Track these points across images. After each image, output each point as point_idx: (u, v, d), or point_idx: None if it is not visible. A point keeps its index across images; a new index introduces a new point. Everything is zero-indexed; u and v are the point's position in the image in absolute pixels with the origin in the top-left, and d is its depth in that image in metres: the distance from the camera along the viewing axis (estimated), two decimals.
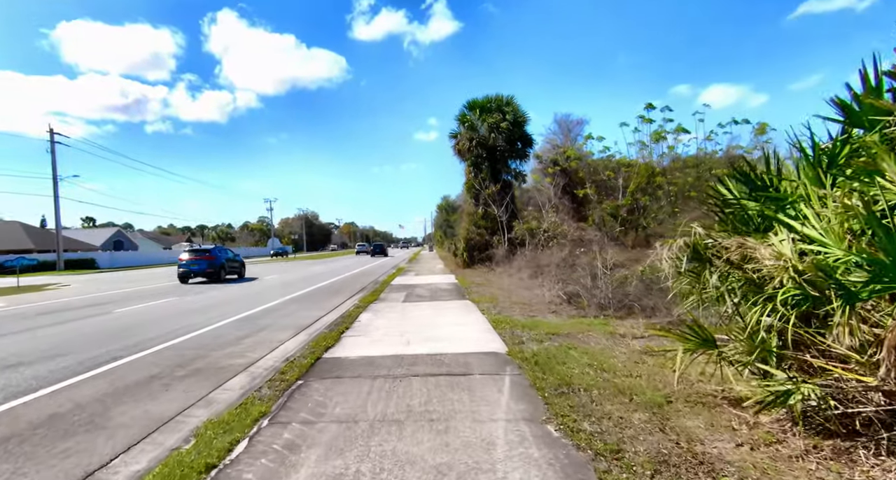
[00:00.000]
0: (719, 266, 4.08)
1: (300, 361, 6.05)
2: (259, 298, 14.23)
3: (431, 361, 5.83)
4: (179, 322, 10.08)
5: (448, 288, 15.21)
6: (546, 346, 6.39)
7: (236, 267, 23.93)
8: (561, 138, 29.80)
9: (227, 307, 12.35)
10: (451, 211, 60.65)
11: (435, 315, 9.65)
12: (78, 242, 59.99)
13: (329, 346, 6.89)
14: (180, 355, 6.97)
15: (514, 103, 24.71)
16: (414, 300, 12.23)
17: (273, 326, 9.38)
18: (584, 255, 15.31)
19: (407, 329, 8.12)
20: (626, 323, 7.96)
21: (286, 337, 8.19)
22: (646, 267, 10.44)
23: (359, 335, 7.76)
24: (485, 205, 24.67)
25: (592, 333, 7.29)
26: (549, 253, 17.74)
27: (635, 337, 6.91)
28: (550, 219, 20.85)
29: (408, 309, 10.53)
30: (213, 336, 8.47)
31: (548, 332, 7.41)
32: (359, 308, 11.01)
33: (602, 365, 5.30)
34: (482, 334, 7.47)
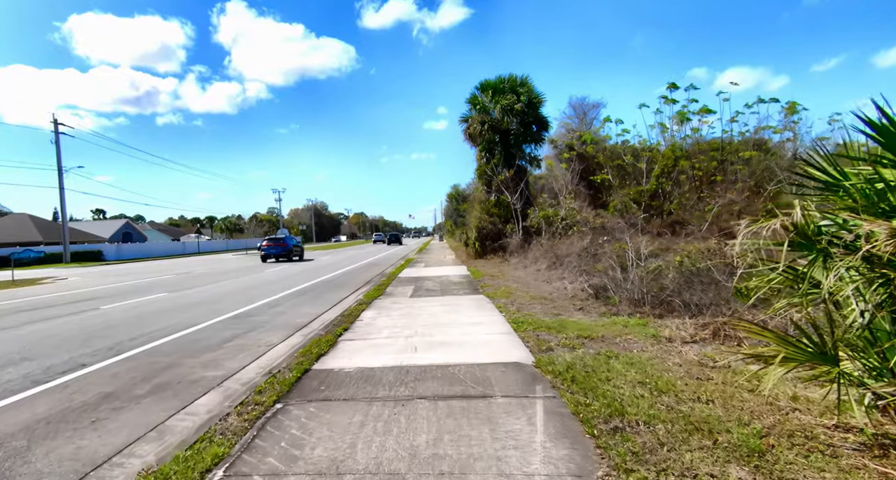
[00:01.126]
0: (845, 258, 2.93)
1: (284, 375, 5.03)
2: (256, 293, 13.29)
3: (442, 374, 4.77)
4: (165, 320, 9.15)
5: (459, 281, 14.14)
6: (581, 355, 5.30)
7: (298, 251, 31.35)
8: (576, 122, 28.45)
9: (217, 304, 11.41)
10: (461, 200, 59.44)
11: (445, 312, 8.59)
12: (86, 234, 59.89)
13: (322, 353, 5.87)
14: (152, 363, 6.00)
15: (528, 83, 23.37)
16: (422, 295, 11.18)
17: (267, 325, 8.40)
18: (608, 244, 14.13)
19: (414, 330, 7.07)
20: (668, 324, 6.83)
21: (277, 340, 7.19)
22: (683, 257, 9.28)
23: (358, 338, 6.72)
24: (497, 191, 23.47)
25: (632, 336, 6.17)
26: (568, 242, 16.57)
27: (686, 342, 5.79)
28: (569, 205, 19.63)
29: (415, 306, 9.48)
30: (196, 337, 7.49)
31: (579, 335, 6.31)
32: (361, 304, 9.99)
33: (657, 383, 4.20)
34: (501, 337, 6.39)
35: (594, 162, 22.83)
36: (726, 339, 5.77)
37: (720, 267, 8.63)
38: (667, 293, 8.41)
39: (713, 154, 21.38)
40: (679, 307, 7.87)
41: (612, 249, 13.62)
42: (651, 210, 20.08)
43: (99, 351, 6.74)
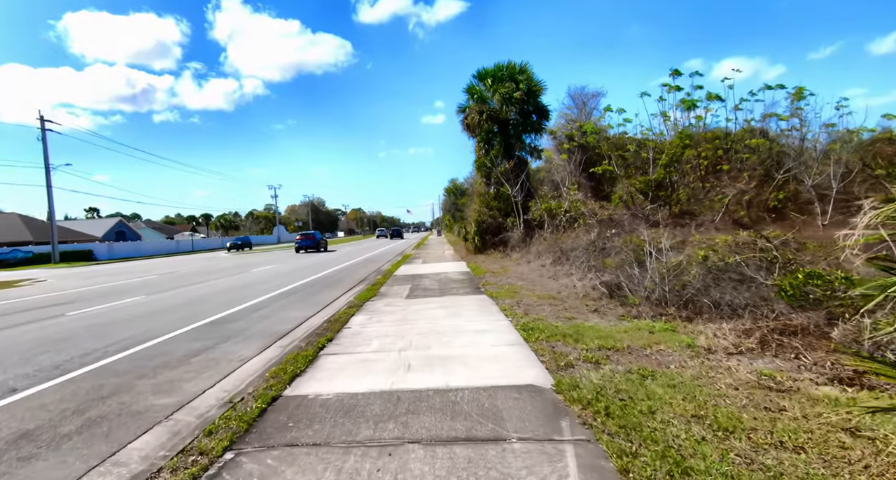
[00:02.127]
0: None
1: (247, 405, 4.09)
2: (241, 294, 12.33)
3: (441, 404, 3.84)
4: (132, 328, 8.19)
5: (459, 278, 13.21)
6: (609, 374, 4.36)
7: (324, 243, 38.41)
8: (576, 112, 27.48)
9: (196, 307, 10.46)
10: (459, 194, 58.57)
11: (445, 316, 7.65)
12: (78, 233, 58.84)
13: (298, 372, 4.93)
14: (96, 387, 5.05)
15: (528, 71, 22.32)
16: (419, 295, 10.24)
17: (244, 333, 7.46)
18: (618, 237, 13.20)
19: (408, 340, 6.13)
20: (702, 329, 5.90)
21: (251, 353, 6.25)
22: (709, 251, 8.34)
23: (343, 351, 5.78)
24: (497, 184, 22.50)
25: (663, 347, 5.25)
26: (574, 235, 15.64)
27: (731, 354, 4.86)
28: (572, 196, 18.68)
29: (411, 309, 8.54)
30: (159, 351, 6.55)
31: (601, 345, 5.38)
32: (352, 307, 9.05)
33: (717, 417, 3.27)
34: (510, 350, 5.45)
35: (595, 153, 21.90)
36: (780, 350, 4.84)
37: (752, 261, 7.71)
38: (691, 292, 7.48)
39: (717, 143, 20.49)
40: (708, 308, 6.94)
41: (622, 243, 12.70)
42: (658, 200, 19.18)
43: (41, 370, 5.79)
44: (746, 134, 20.81)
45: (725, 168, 18.96)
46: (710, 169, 19.82)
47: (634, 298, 7.81)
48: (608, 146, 20.20)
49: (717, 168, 19.50)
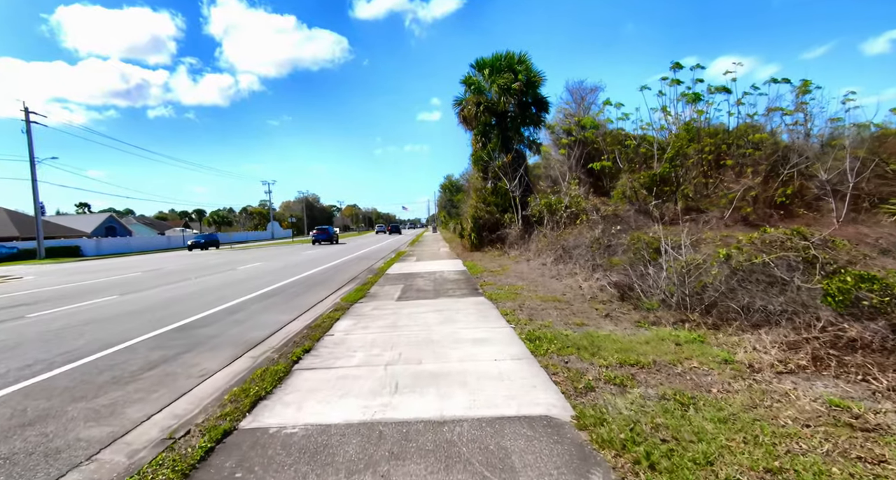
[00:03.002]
0: None
1: (189, 444, 3.26)
2: (221, 294, 11.47)
3: (434, 444, 3.02)
4: (90, 334, 7.33)
5: (456, 278, 12.39)
6: (639, 400, 3.56)
7: (335, 237, 45.25)
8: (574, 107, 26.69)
9: (168, 309, 9.60)
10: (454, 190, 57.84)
11: (440, 322, 6.83)
12: (67, 229, 57.62)
13: (263, 395, 4.10)
14: (18, 412, 4.20)
15: (527, 61, 21.46)
16: (412, 297, 9.41)
17: (213, 341, 6.61)
18: (624, 234, 12.41)
19: (397, 352, 5.30)
20: (737, 340, 5.11)
21: (216, 366, 5.41)
22: (732, 249, 7.55)
23: (321, 365, 4.95)
24: (494, 178, 21.68)
25: (696, 363, 4.45)
26: (576, 232, 14.84)
27: (780, 373, 4.07)
28: (573, 191, 17.88)
29: (403, 313, 7.72)
30: (112, 362, 5.69)
31: (622, 360, 4.58)
32: (337, 310, 8.21)
33: (799, 473, 2.47)
34: (516, 365, 4.64)
35: (594, 148, 21.13)
36: (840, 370, 4.05)
37: (782, 261, 6.92)
38: (714, 295, 6.69)
39: (720, 137, 19.79)
40: (736, 314, 6.15)
41: (629, 240, 11.92)
42: (663, 196, 18.44)
43: None
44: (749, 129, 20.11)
45: (729, 163, 18.23)
46: (713, 164, 19.13)
47: (651, 302, 7.01)
48: (612, 139, 19.41)
49: (721, 163, 18.80)
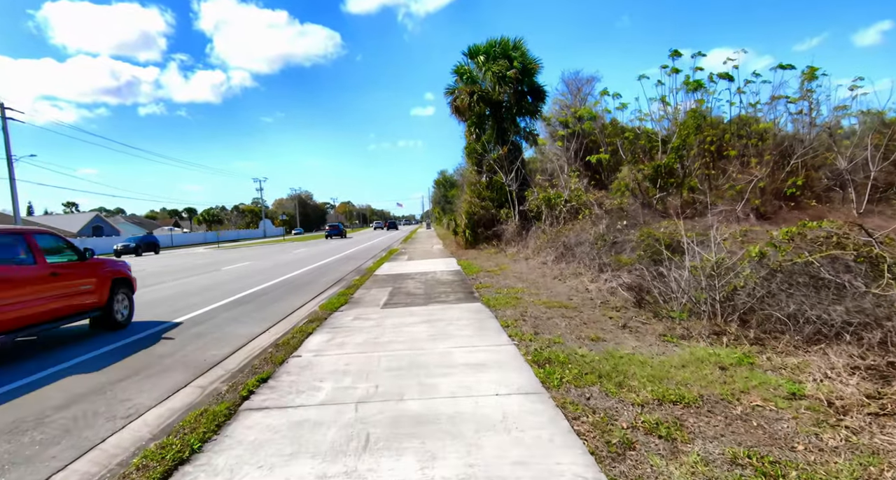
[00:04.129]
0: None
1: None
2: (190, 301, 10.38)
3: None
4: (15, 357, 6.25)
5: (449, 279, 11.35)
6: (701, 466, 2.54)
7: (344, 231, 52.51)
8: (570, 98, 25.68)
9: None
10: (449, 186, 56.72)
11: (429, 337, 5.79)
12: (52, 229, 55.96)
13: (187, 456, 3.05)
14: None
15: (522, 47, 20.36)
16: (400, 303, 8.37)
17: (160, 363, 5.55)
18: (633, 230, 11.42)
19: (374, 382, 4.26)
20: (795, 362, 4.11)
21: (149, 402, 4.36)
22: (768, 247, 6.54)
23: (275, 403, 3.90)
24: (490, 171, 20.64)
25: (755, 396, 3.44)
26: (578, 227, 13.83)
27: (878, 415, 3.07)
28: (573, 184, 16.86)
29: (387, 324, 6.67)
30: (15, 403, 4.63)
31: (658, 393, 3.56)
32: (313, 321, 7.15)
33: None
34: (526, 406, 3.60)
35: (591, 140, 20.15)
36: None
37: (830, 260, 5.92)
38: (749, 301, 5.69)
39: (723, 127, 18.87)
40: (782, 325, 5.15)
41: (638, 236, 10.92)
42: (668, 188, 17.48)
43: None
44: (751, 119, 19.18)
45: (733, 153, 17.30)
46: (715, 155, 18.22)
47: (678, 312, 5.99)
48: (613, 129, 18.41)
49: (724, 154, 17.90)
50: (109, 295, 7.74)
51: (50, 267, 6.65)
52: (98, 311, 7.53)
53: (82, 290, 7.18)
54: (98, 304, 7.51)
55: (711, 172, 17.95)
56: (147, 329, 7.67)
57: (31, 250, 6.51)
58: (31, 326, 6.11)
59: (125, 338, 7.08)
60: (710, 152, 18.07)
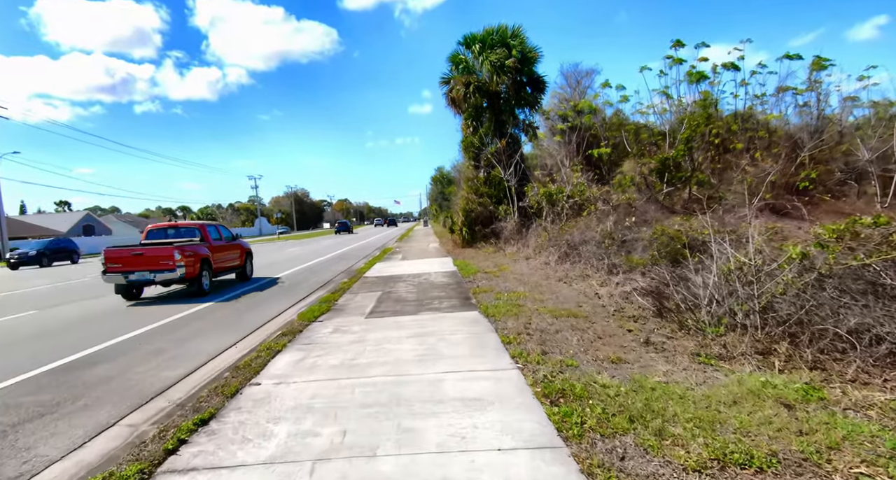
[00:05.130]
0: None
1: None
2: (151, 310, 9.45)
3: None
4: None
5: (444, 282, 10.42)
6: None
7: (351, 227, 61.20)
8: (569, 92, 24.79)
9: (77, 331, 7.58)
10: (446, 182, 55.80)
11: (417, 358, 4.87)
12: (40, 228, 54.97)
13: None
14: None
15: (521, 35, 19.38)
16: (387, 311, 7.45)
17: (95, 391, 4.62)
18: (647, 227, 10.51)
19: (342, 425, 3.34)
20: (882, 399, 3.21)
21: (56, 453, 3.42)
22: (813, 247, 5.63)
23: (206, 463, 2.96)
24: (487, 166, 19.69)
25: (851, 456, 2.53)
26: (582, 225, 12.91)
27: None
28: (576, 178, 15.94)
29: (369, 340, 5.75)
30: None
31: (715, 450, 2.64)
32: (286, 335, 6.22)
33: None
34: (538, 467, 2.68)
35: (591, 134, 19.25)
36: None
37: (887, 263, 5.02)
38: (796, 313, 4.78)
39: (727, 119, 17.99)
40: (842, 342, 4.24)
41: (651, 234, 10.02)
42: (676, 182, 16.57)
43: None
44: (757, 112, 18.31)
45: (739, 147, 16.43)
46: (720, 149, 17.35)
47: (713, 327, 5.06)
48: (618, 119, 17.50)
49: (730, 147, 17.03)
50: (245, 260, 13.55)
51: (218, 244, 12.09)
52: (239, 269, 13.30)
53: (233, 257, 12.85)
54: (240, 265, 13.28)
55: (717, 166, 17.09)
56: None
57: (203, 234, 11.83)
58: (219, 273, 12.05)
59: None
60: (715, 145, 17.20)
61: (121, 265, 10.15)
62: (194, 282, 10.68)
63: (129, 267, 10.10)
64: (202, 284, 10.81)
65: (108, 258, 10.20)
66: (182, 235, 11.83)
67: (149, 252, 10.23)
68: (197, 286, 10.77)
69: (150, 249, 10.34)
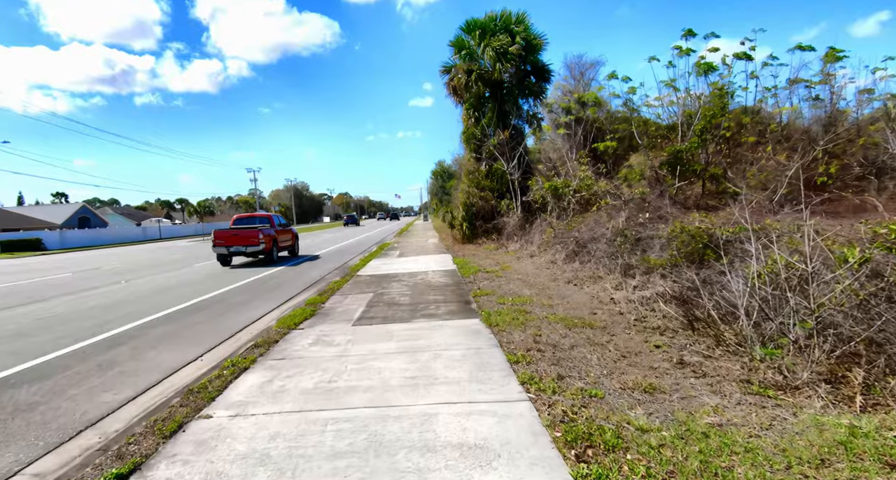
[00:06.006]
0: None
1: None
2: (133, 309, 8.62)
3: None
4: None
5: (442, 282, 9.60)
6: None
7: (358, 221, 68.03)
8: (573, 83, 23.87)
9: (19, 341, 6.76)
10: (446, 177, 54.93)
11: (406, 381, 4.05)
12: (34, 220, 54.17)
13: None
14: None
15: (526, 22, 18.45)
16: (377, 318, 6.62)
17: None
18: (664, 224, 9.67)
19: None
20: None
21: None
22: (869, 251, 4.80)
23: None
24: (489, 158, 18.81)
25: None
26: (591, 220, 12.05)
27: None
28: (583, 172, 15.07)
29: (352, 356, 4.92)
30: None
31: None
32: (258, 347, 5.40)
33: None
34: None
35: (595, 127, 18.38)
36: None
37: None
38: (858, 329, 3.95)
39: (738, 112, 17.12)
40: None
41: (669, 232, 9.18)
42: (690, 176, 15.71)
43: None
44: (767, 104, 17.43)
45: (752, 140, 15.56)
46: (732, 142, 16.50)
47: (767, 347, 4.22)
48: (629, 109, 16.59)
49: (742, 141, 16.17)
50: (294, 242, 18.31)
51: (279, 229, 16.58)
52: (291, 247, 18.05)
53: (287, 239, 17.54)
54: (292, 244, 18.11)
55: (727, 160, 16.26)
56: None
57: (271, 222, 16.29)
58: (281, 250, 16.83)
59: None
60: (726, 138, 16.35)
61: (223, 241, 14.92)
62: (269, 254, 15.65)
63: (229, 243, 14.89)
64: (274, 255, 16.03)
65: (215, 236, 15.08)
66: (257, 222, 16.29)
67: (241, 232, 15.09)
68: (270, 256, 15.80)
69: (242, 230, 15.23)
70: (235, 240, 14.82)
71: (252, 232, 14.94)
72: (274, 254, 15.94)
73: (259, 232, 14.85)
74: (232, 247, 14.83)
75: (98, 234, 47.85)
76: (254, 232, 14.90)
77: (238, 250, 14.87)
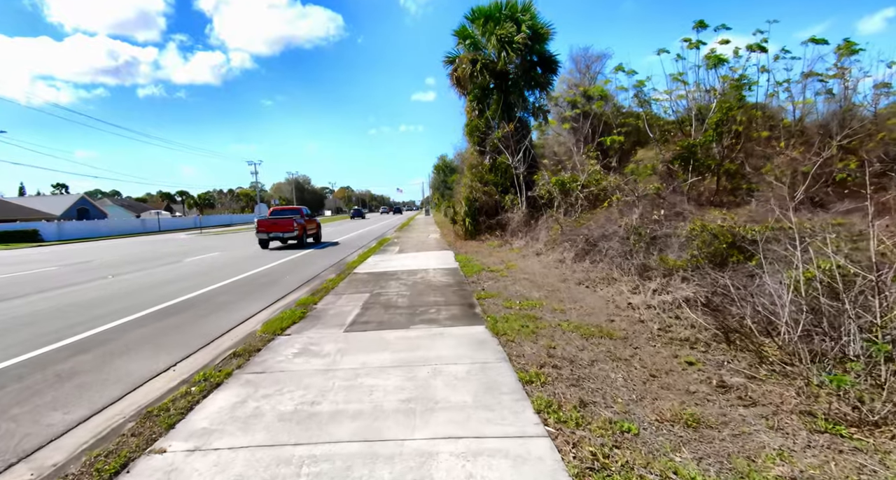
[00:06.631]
0: None
1: None
2: (110, 308, 8.02)
3: None
4: None
5: (443, 282, 8.98)
6: None
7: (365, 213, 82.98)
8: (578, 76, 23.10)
9: None
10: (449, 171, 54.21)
11: (402, 406, 3.44)
12: (32, 211, 53.62)
13: None
14: None
15: (532, 10, 17.68)
16: (373, 322, 6.02)
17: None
18: (683, 222, 9.02)
19: None
20: None
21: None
22: None
23: None
24: (493, 152, 18.13)
25: None
26: (602, 217, 11.40)
27: None
28: (591, 166, 14.41)
29: (343, 368, 4.31)
30: None
31: None
32: (236, 356, 4.80)
33: None
34: None
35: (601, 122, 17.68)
36: None
37: None
38: None
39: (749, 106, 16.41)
40: None
41: (689, 230, 8.54)
42: (705, 172, 15.06)
43: None
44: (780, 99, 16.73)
45: (765, 135, 14.87)
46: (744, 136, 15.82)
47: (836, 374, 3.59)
48: (640, 101, 15.89)
49: (754, 136, 15.49)
50: (318, 230, 21.90)
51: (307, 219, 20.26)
52: (315, 234, 21.57)
53: (313, 227, 21.19)
54: (316, 232, 21.72)
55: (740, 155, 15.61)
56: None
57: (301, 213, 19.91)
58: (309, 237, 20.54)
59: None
60: (738, 133, 15.68)
61: (264, 228, 18.36)
62: (301, 239, 18.98)
63: (269, 230, 18.35)
64: (304, 240, 19.45)
65: (258, 223, 18.47)
66: (290, 213, 19.72)
67: (279, 221, 18.46)
68: (301, 241, 19.15)
69: (279, 219, 18.60)
70: (275, 228, 18.29)
71: (288, 220, 18.36)
72: (305, 239, 19.39)
73: (293, 220, 18.30)
74: (271, 233, 18.31)
75: (96, 226, 47.28)
76: (289, 220, 18.34)
77: (276, 236, 18.39)
